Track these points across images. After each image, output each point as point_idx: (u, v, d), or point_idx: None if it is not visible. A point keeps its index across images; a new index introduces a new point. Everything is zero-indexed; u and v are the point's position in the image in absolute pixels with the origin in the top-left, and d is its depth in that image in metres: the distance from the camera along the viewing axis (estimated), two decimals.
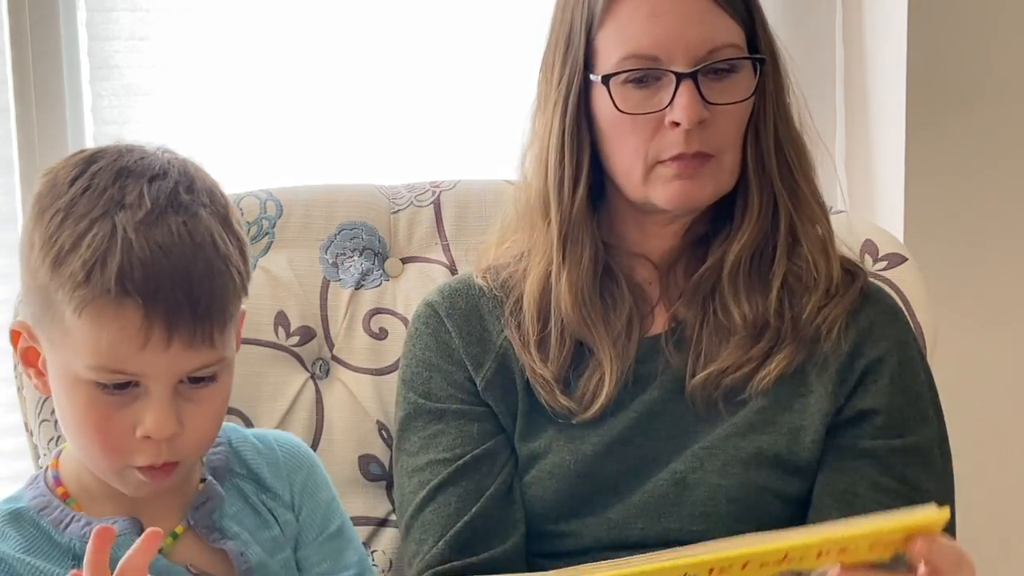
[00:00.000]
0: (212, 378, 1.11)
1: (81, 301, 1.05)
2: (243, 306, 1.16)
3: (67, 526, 1.14)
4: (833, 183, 2.08)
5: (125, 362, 1.06)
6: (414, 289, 1.60)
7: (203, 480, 1.21)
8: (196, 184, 1.12)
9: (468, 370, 1.42)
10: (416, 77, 2.07)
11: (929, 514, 1.05)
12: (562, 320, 1.38)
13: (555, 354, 1.38)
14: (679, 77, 1.31)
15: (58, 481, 1.17)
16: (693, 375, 1.37)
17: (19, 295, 1.50)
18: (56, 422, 1.48)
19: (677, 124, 1.31)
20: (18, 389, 1.51)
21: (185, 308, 1.05)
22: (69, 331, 1.06)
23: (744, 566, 1.01)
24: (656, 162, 1.33)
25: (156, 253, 1.05)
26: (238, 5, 2.02)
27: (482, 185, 1.69)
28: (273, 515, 1.23)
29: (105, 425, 1.08)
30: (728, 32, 1.33)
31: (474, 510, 1.37)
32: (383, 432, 1.57)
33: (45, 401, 1.48)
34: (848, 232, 1.58)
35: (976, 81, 2.16)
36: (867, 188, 2.21)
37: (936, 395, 1.43)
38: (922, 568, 1.08)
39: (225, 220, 1.12)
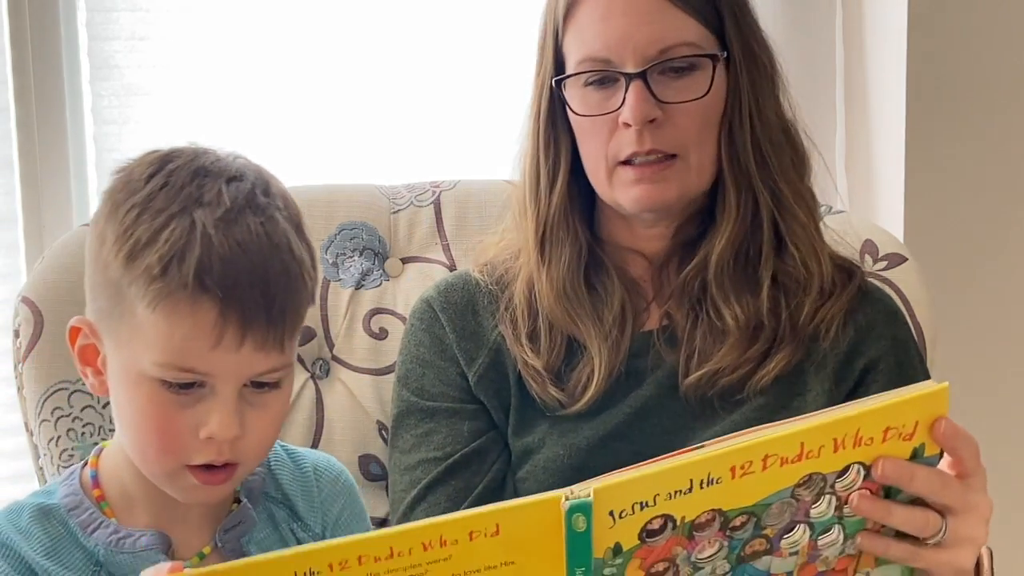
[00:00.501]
0: (276, 384, 1.10)
1: (156, 295, 1.04)
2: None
3: (94, 530, 1.13)
4: (832, 183, 2.08)
5: (196, 360, 1.05)
6: (414, 289, 1.60)
7: (237, 501, 1.19)
8: (271, 188, 1.11)
9: (461, 365, 1.42)
10: (416, 77, 2.08)
11: (932, 386, 1.06)
12: (548, 316, 1.39)
13: (546, 347, 1.39)
14: (629, 78, 1.31)
15: (96, 482, 1.15)
16: (686, 374, 1.37)
17: (20, 295, 1.50)
18: (56, 422, 1.48)
19: (629, 124, 1.32)
20: (18, 389, 1.51)
21: (261, 308, 1.05)
22: (140, 326, 1.05)
23: (765, 463, 1.01)
24: (616, 163, 1.34)
25: (235, 250, 1.04)
26: (238, 5, 2.02)
27: (482, 185, 1.69)
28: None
29: (167, 425, 1.07)
30: (683, 31, 1.33)
31: (462, 509, 1.37)
32: (383, 432, 1.57)
33: (45, 401, 1.48)
34: (848, 232, 1.58)
35: (976, 81, 2.16)
36: (867, 188, 2.21)
37: None
38: (947, 463, 1.09)
39: (298, 227, 1.11)
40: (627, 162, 1.34)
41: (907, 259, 1.62)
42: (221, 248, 1.04)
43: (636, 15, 1.32)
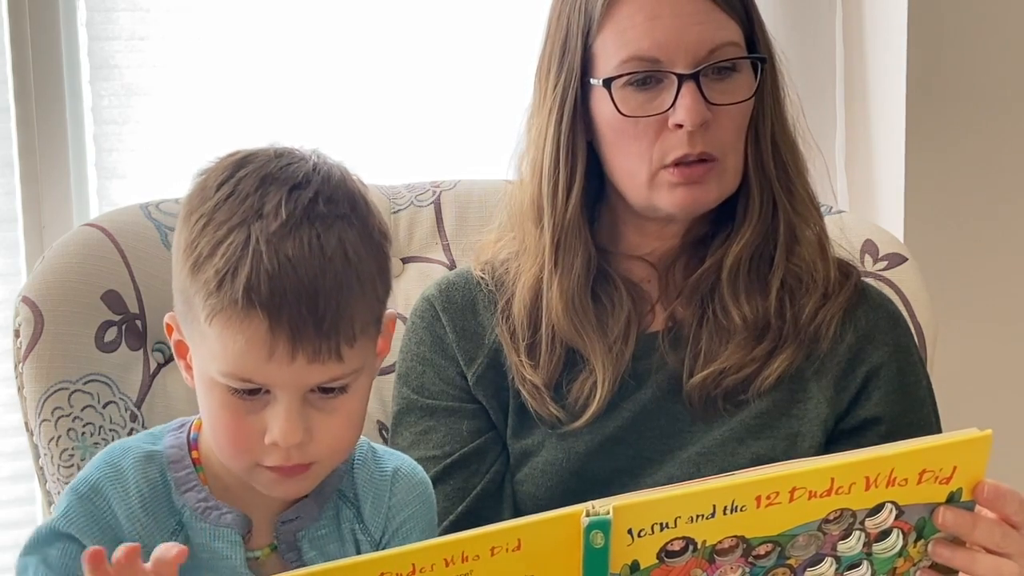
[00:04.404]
0: (343, 389, 1.10)
1: (212, 310, 1.05)
2: (392, 310, 1.16)
3: (187, 491, 1.14)
4: (833, 183, 2.08)
5: (252, 372, 1.06)
6: (414, 289, 1.60)
7: (307, 495, 1.18)
8: (338, 193, 1.10)
9: (460, 365, 1.42)
10: (416, 77, 2.08)
11: (974, 433, 1.05)
12: (553, 327, 1.38)
13: (545, 360, 1.38)
14: (681, 78, 1.30)
15: (196, 445, 1.16)
16: (691, 374, 1.37)
17: (20, 295, 1.50)
18: (56, 422, 1.48)
19: (680, 126, 1.30)
20: (18, 389, 1.51)
21: (309, 324, 1.05)
22: (204, 336, 1.07)
23: (792, 495, 1.00)
24: (660, 166, 1.32)
25: (284, 266, 1.04)
26: (238, 5, 2.02)
27: (482, 185, 1.69)
28: (357, 549, 1.20)
29: (236, 428, 1.09)
30: (728, 31, 1.32)
31: (460, 509, 1.37)
32: (383, 432, 1.57)
33: (45, 401, 1.48)
34: (848, 232, 1.58)
35: (976, 81, 2.16)
36: (867, 188, 2.21)
37: (935, 400, 1.43)
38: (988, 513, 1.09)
39: (364, 230, 1.10)
40: (671, 165, 1.32)
41: (907, 259, 1.62)
42: (270, 264, 1.04)
43: (685, 15, 1.30)
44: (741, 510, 1.00)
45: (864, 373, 1.37)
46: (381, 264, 1.12)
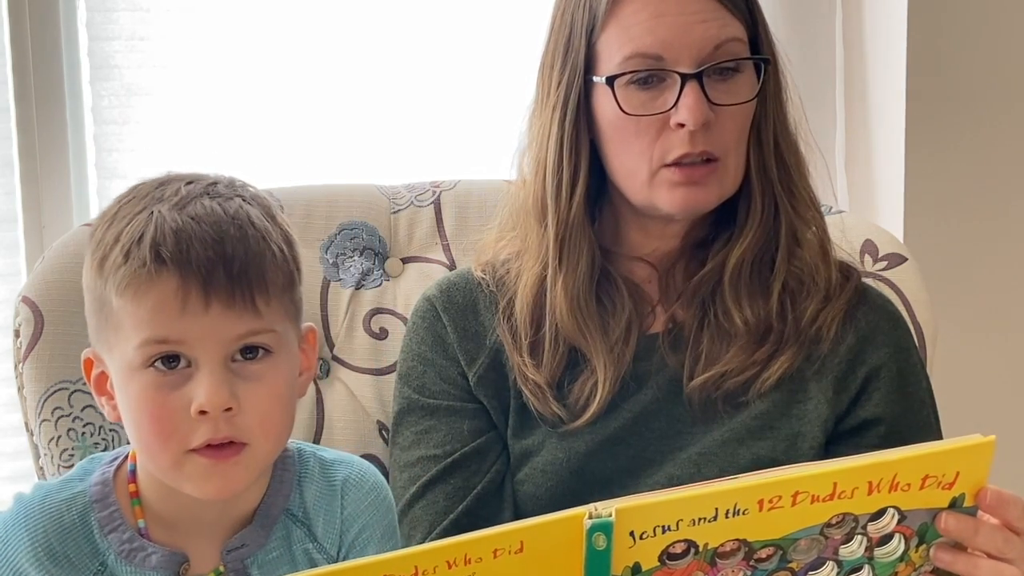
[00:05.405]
0: (266, 350, 1.09)
1: (122, 280, 1.06)
2: (310, 323, 1.17)
3: (111, 531, 1.12)
4: (833, 183, 2.08)
5: (167, 329, 1.05)
6: (414, 289, 1.60)
7: (253, 520, 1.17)
8: (236, 182, 1.13)
9: (461, 365, 1.42)
10: (416, 77, 2.08)
11: (977, 439, 1.05)
12: (556, 325, 1.38)
13: (548, 359, 1.38)
14: (684, 78, 1.30)
15: (133, 476, 1.14)
16: (691, 377, 1.37)
17: (20, 295, 1.50)
18: (56, 421, 1.48)
19: (682, 125, 1.30)
20: (18, 389, 1.51)
21: (219, 268, 1.05)
22: (119, 321, 1.07)
23: (794, 499, 1.01)
24: (661, 165, 1.32)
25: (188, 223, 1.06)
26: (238, 5, 2.02)
27: (482, 185, 1.69)
28: (313, 567, 1.18)
29: (160, 410, 1.07)
30: (732, 28, 1.32)
31: (460, 508, 1.37)
32: (383, 432, 1.57)
33: (45, 401, 1.48)
34: (848, 232, 1.58)
35: (976, 81, 2.16)
36: (867, 188, 2.21)
37: (934, 400, 1.43)
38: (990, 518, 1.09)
39: (266, 212, 1.12)
40: (672, 164, 1.32)
41: (907, 259, 1.62)
42: (174, 223, 1.06)
43: (690, 13, 1.30)
44: (743, 513, 1.00)
45: (864, 374, 1.37)
46: (288, 240, 1.12)
